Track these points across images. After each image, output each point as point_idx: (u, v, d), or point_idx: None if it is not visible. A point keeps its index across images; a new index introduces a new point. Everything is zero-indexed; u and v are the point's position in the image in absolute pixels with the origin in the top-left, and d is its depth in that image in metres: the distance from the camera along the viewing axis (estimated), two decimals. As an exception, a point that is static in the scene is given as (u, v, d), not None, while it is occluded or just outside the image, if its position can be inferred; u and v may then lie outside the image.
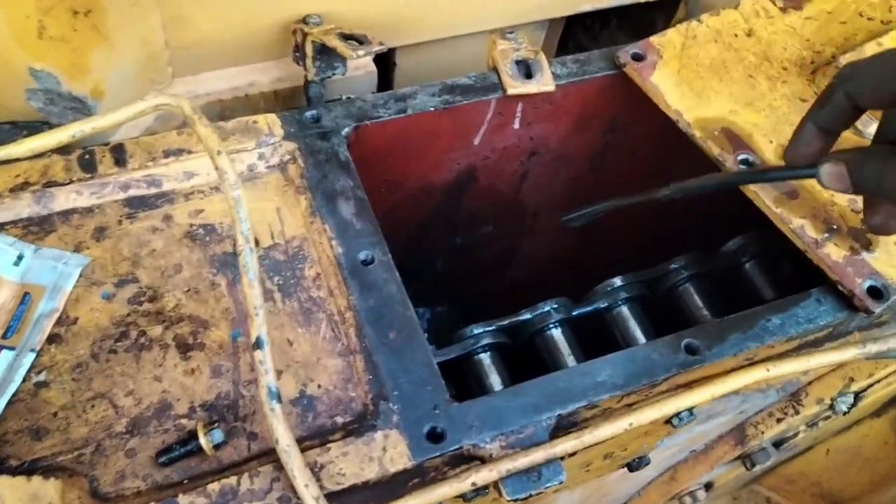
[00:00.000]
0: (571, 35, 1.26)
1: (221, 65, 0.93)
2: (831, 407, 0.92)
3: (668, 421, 0.76)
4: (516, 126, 0.90)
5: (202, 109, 0.69)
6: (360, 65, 0.96)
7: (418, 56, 1.03)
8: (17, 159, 0.70)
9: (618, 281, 0.89)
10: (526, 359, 0.87)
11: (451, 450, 0.63)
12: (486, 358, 0.84)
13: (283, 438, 0.58)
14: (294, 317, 0.70)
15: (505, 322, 0.86)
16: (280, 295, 0.71)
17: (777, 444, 0.99)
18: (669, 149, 0.96)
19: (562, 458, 0.64)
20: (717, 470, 1.03)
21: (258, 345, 0.60)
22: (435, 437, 0.63)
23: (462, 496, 0.63)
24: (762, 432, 0.95)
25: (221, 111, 0.95)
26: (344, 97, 0.99)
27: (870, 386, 0.92)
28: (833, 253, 0.76)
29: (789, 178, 0.76)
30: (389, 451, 0.62)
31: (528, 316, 0.86)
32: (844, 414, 0.92)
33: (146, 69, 0.87)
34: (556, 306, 0.86)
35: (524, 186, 1.01)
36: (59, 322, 0.66)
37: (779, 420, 0.94)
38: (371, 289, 0.70)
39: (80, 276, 0.69)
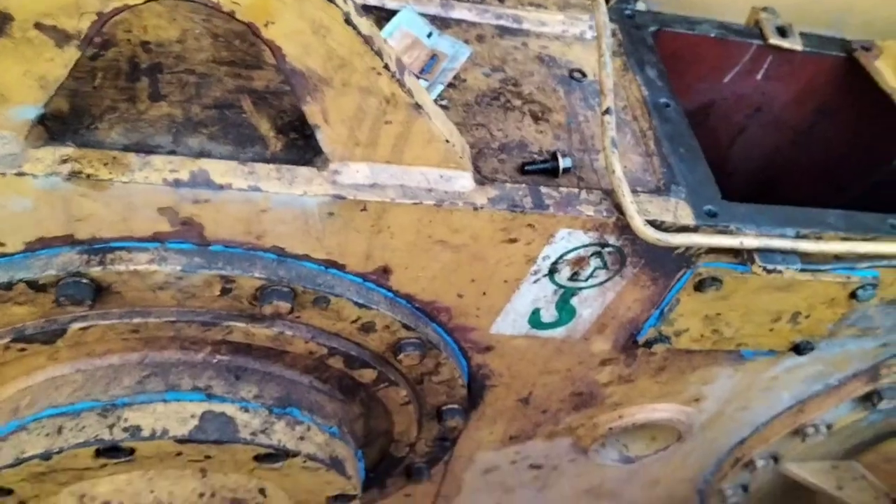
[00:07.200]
0: None
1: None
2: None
3: (853, 294, 0.98)
4: (759, 77, 1.16)
5: None
6: None
7: None
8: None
9: None
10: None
11: (721, 226, 0.85)
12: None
13: (617, 169, 0.82)
14: (609, 125, 0.95)
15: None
16: (599, 110, 0.96)
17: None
18: (864, 140, 1.20)
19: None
20: (842, 410, 1.21)
21: (608, 112, 0.85)
22: (711, 214, 0.86)
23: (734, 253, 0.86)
24: (895, 372, 1.14)
25: None
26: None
27: None
28: None
29: None
30: (680, 211, 0.85)
31: None
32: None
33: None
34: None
35: (737, 141, 1.26)
36: (454, 79, 0.92)
37: (913, 363, 1.13)
38: (668, 121, 0.95)
39: (468, 59, 0.95)
